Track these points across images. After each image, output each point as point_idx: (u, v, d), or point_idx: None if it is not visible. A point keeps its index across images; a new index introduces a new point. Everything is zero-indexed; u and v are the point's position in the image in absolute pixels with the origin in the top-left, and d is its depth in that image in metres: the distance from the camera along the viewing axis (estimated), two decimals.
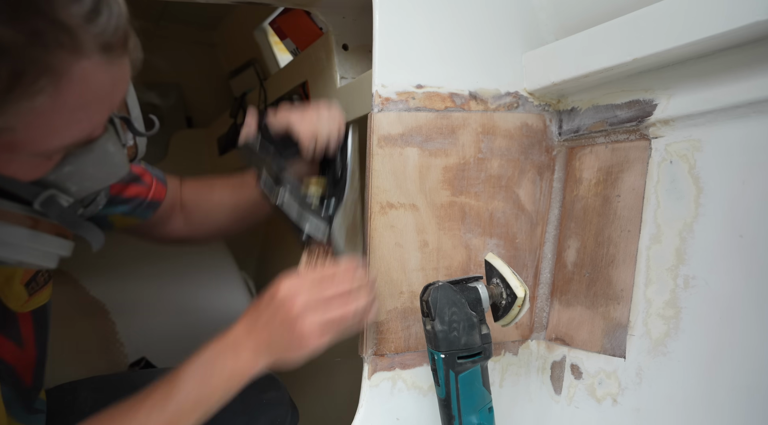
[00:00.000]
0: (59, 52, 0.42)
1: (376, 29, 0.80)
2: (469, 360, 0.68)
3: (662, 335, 0.71)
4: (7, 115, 0.43)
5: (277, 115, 0.75)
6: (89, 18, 0.44)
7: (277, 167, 0.72)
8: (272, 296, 0.65)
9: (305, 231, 0.71)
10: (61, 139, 0.48)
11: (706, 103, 0.67)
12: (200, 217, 0.91)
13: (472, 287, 0.70)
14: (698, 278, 0.68)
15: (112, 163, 0.57)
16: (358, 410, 0.78)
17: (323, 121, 0.75)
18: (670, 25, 0.64)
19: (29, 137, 0.46)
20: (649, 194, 0.74)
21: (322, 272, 0.66)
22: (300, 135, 0.73)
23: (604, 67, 0.73)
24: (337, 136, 0.76)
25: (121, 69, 0.49)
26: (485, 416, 0.71)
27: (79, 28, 0.43)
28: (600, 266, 0.80)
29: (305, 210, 0.72)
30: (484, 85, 0.85)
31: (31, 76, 0.42)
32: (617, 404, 0.75)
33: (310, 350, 0.63)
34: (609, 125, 0.80)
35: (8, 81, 0.41)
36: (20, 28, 0.40)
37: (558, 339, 0.85)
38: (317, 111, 0.75)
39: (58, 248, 0.59)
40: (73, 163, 0.53)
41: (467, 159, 0.83)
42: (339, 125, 0.76)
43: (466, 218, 0.84)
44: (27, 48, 0.41)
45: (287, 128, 0.74)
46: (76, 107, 0.46)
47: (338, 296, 0.64)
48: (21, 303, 0.70)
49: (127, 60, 0.49)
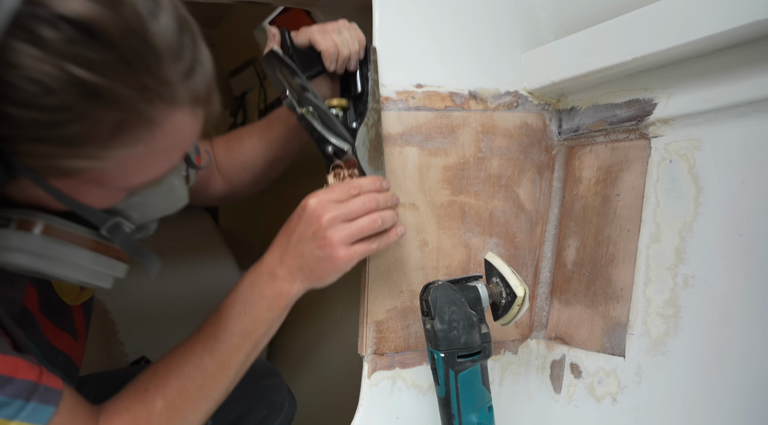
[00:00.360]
0: (159, 105, 0.46)
1: (376, 29, 0.80)
2: (469, 359, 0.68)
3: (662, 334, 0.71)
4: (107, 159, 0.46)
5: (299, 32, 0.76)
6: (187, 75, 0.47)
7: (301, 80, 0.72)
8: (301, 211, 0.66)
9: (331, 142, 0.72)
10: (144, 177, 0.52)
11: (705, 103, 0.67)
12: (237, 170, 0.92)
13: (471, 287, 0.70)
14: (698, 278, 0.68)
15: (176, 196, 0.61)
16: (357, 409, 0.78)
17: (344, 36, 0.75)
18: (670, 24, 0.64)
19: (117, 175, 0.49)
20: (648, 194, 0.74)
21: (348, 186, 0.66)
22: (322, 49, 0.74)
23: (603, 67, 0.73)
24: (358, 52, 0.76)
25: (202, 118, 0.52)
26: (485, 415, 0.71)
27: (178, 84, 0.47)
28: (600, 265, 0.80)
29: (329, 123, 0.72)
30: (484, 84, 0.85)
31: (133, 126, 0.46)
32: (617, 403, 0.75)
33: (340, 263, 0.64)
34: (609, 124, 0.80)
35: (114, 130, 0.45)
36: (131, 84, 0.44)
37: (557, 338, 0.85)
38: (338, 27, 0.76)
39: (116, 270, 0.62)
40: (141, 194, 0.58)
41: (467, 158, 0.83)
42: (360, 41, 0.77)
43: (465, 217, 0.84)
44: (134, 101, 0.44)
45: (309, 42, 0.75)
46: (163, 151, 0.50)
47: (364, 209, 0.65)
48: (74, 296, 0.72)
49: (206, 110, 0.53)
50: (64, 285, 0.71)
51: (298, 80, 0.72)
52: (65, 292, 0.71)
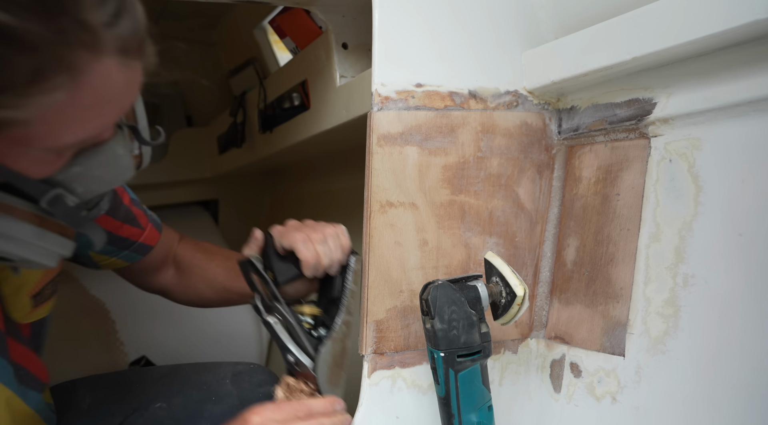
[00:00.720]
0: (80, 51, 0.44)
1: (376, 28, 0.80)
2: (469, 359, 0.68)
3: (661, 333, 0.71)
4: (24, 108, 0.44)
5: (282, 235, 0.76)
6: (111, 21, 0.45)
7: (275, 289, 0.74)
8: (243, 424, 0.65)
9: (293, 353, 0.73)
10: (73, 135, 0.49)
11: (705, 102, 0.67)
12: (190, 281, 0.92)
13: (471, 286, 0.70)
14: (697, 277, 0.68)
15: (119, 166, 0.58)
16: (357, 408, 0.78)
17: (328, 246, 0.75)
18: (670, 23, 0.64)
19: (42, 131, 0.47)
20: (648, 193, 0.74)
21: (297, 407, 0.66)
22: (301, 258, 0.74)
23: (603, 66, 0.73)
24: (340, 260, 0.77)
25: (135, 72, 0.50)
26: (485, 414, 0.71)
27: (102, 30, 0.45)
28: (599, 264, 0.80)
29: (294, 335, 0.73)
30: (484, 83, 0.85)
31: (52, 71, 0.43)
32: (616, 402, 0.75)
33: None
34: (608, 123, 0.80)
35: (29, 75, 0.43)
36: (47, 26, 0.42)
37: (557, 338, 0.85)
38: (323, 235, 0.75)
39: (61, 247, 0.60)
40: (82, 164, 0.55)
41: (467, 158, 0.83)
42: (344, 249, 0.77)
43: (465, 216, 0.84)
44: (51, 45, 0.42)
45: (290, 248, 0.75)
46: (90, 105, 0.48)
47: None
48: (24, 314, 0.70)
49: (140, 64, 0.51)
50: (16, 301, 0.69)
51: (271, 289, 0.73)
52: (16, 308, 0.69)
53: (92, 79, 0.46)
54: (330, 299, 0.79)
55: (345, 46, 1.07)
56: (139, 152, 0.66)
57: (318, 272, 0.76)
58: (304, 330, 0.75)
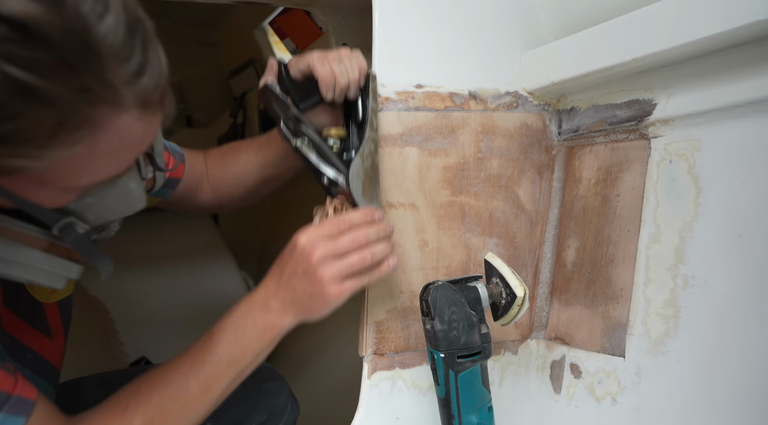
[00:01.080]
0: (102, 107, 0.45)
1: (376, 29, 0.80)
2: (469, 360, 0.68)
3: (661, 334, 0.71)
4: (45, 159, 0.46)
5: (299, 60, 0.75)
6: (133, 78, 0.47)
7: (295, 112, 0.72)
8: (292, 248, 0.66)
9: (325, 173, 0.72)
10: (89, 179, 0.51)
11: (705, 103, 0.67)
12: (229, 184, 0.92)
13: (471, 287, 0.70)
14: (697, 278, 0.68)
15: (131, 198, 0.61)
16: (357, 409, 0.78)
17: (344, 65, 0.74)
18: (670, 24, 0.64)
19: (59, 175, 0.48)
20: (648, 194, 0.74)
21: (338, 221, 0.66)
22: (318, 77, 0.73)
23: (603, 67, 0.73)
24: (358, 80, 0.75)
25: (154, 121, 0.51)
26: (485, 415, 0.71)
27: (123, 87, 0.46)
28: (599, 265, 0.80)
29: (323, 155, 0.72)
30: (484, 84, 0.85)
31: (72, 127, 0.45)
32: (617, 403, 0.75)
33: (331, 299, 0.64)
34: (608, 124, 0.80)
35: (51, 130, 0.44)
36: (70, 84, 0.43)
37: (557, 339, 0.85)
38: (339, 56, 0.75)
39: (69, 271, 0.61)
40: (95, 195, 0.57)
41: (467, 159, 0.83)
42: (360, 69, 0.76)
43: (465, 217, 0.84)
44: (73, 103, 0.44)
45: (308, 70, 0.74)
46: (108, 154, 0.49)
47: (354, 245, 0.64)
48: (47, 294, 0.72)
49: (160, 114, 0.52)
50: None
51: (293, 111, 0.72)
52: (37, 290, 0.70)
53: (111, 132, 0.47)
54: (356, 124, 0.78)
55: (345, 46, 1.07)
56: (153, 176, 0.69)
57: (337, 94, 0.75)
58: (334, 149, 0.74)
